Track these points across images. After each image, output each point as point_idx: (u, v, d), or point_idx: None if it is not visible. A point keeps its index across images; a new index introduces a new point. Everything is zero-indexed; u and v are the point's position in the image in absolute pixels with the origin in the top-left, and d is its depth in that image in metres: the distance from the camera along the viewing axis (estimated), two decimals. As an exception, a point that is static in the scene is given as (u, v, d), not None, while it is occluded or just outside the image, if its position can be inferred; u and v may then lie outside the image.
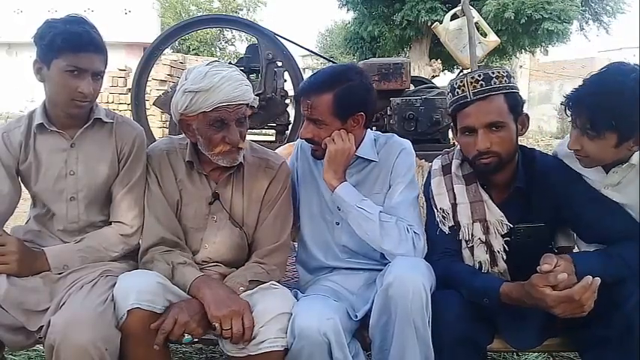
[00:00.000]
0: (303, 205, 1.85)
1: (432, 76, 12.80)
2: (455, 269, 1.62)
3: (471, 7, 4.57)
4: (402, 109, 4.31)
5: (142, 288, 1.44)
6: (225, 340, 1.46)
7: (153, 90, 9.94)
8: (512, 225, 1.62)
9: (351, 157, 1.72)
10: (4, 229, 1.64)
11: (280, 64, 5.15)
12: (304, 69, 14.20)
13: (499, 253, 1.61)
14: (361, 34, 16.02)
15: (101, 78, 1.62)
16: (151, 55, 5.28)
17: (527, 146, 1.72)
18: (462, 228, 1.64)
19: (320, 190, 1.81)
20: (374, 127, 4.05)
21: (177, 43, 18.88)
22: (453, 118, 1.65)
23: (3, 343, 1.51)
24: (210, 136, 1.60)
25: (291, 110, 5.33)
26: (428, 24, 12.19)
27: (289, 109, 5.33)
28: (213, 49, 27.88)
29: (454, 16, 4.73)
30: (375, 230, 1.64)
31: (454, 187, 1.68)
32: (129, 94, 6.75)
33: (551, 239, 1.74)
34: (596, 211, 1.57)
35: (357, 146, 1.75)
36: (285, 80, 5.22)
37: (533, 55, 19.65)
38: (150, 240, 1.65)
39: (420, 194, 1.81)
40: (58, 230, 1.67)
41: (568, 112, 1.54)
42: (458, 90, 1.59)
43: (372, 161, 1.78)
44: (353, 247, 1.78)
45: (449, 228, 1.66)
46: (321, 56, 13.05)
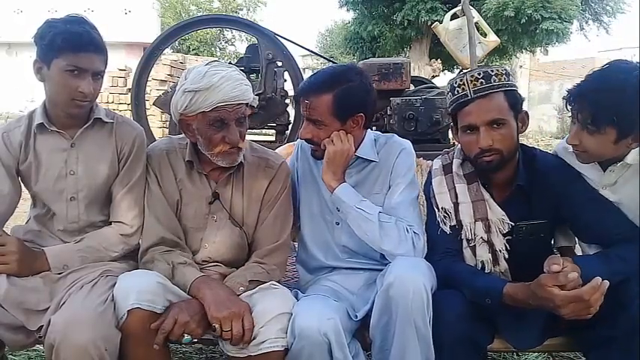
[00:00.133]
0: (303, 205, 1.85)
1: (432, 76, 12.80)
2: (456, 269, 1.62)
3: (471, 7, 4.55)
4: (402, 109, 4.31)
5: (142, 288, 1.44)
6: (225, 341, 1.46)
7: (153, 90, 9.94)
8: (513, 224, 1.62)
9: (350, 158, 1.72)
10: (4, 229, 1.64)
11: (280, 64, 5.15)
12: (304, 69, 14.22)
13: (501, 252, 1.61)
14: (361, 34, 16.00)
15: (101, 78, 1.62)
16: (151, 55, 5.28)
17: (527, 145, 1.73)
18: (464, 227, 1.64)
19: (320, 191, 1.81)
20: (374, 127, 4.05)
21: (177, 43, 18.88)
22: (453, 117, 1.65)
23: (3, 342, 1.51)
24: (210, 136, 1.60)
25: (291, 110, 5.32)
26: (428, 24, 12.17)
27: (289, 109, 5.33)
28: (213, 49, 27.87)
29: (454, 16, 4.72)
30: (375, 231, 1.64)
31: (456, 186, 1.68)
32: (129, 94, 6.75)
33: (552, 238, 1.74)
34: (596, 212, 1.57)
35: (357, 147, 1.75)
36: (285, 80, 5.22)
37: (533, 55, 19.66)
38: (150, 240, 1.65)
39: (420, 193, 1.81)
40: (58, 230, 1.67)
41: (569, 107, 1.55)
42: (458, 89, 1.59)
43: (372, 161, 1.77)
44: (353, 247, 1.77)
45: (450, 227, 1.66)
46: (321, 56, 13.05)
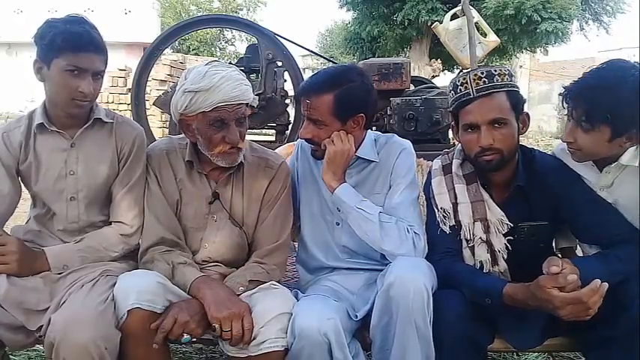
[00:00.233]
0: (303, 205, 1.85)
1: (432, 76, 12.79)
2: (456, 269, 1.62)
3: (471, 7, 4.56)
4: (402, 109, 4.31)
5: (142, 288, 1.44)
6: (225, 341, 1.46)
7: (153, 90, 9.94)
8: (512, 224, 1.62)
9: (351, 159, 1.72)
10: (4, 229, 1.64)
11: (280, 64, 5.15)
12: (304, 69, 14.24)
13: (500, 252, 1.61)
14: (361, 34, 16.00)
15: (101, 78, 1.62)
16: (151, 55, 5.29)
17: (526, 146, 1.73)
18: (462, 227, 1.64)
19: (320, 191, 1.81)
20: (374, 127, 4.05)
21: (177, 43, 18.88)
22: (454, 116, 1.65)
23: (3, 342, 1.51)
24: (210, 136, 1.60)
25: (291, 110, 5.33)
26: (428, 24, 12.17)
27: (289, 109, 5.33)
28: (213, 49, 27.89)
29: (454, 16, 4.72)
30: (375, 231, 1.64)
31: (455, 186, 1.68)
32: (129, 94, 6.75)
33: (553, 239, 1.74)
34: (595, 213, 1.58)
35: (357, 147, 1.75)
36: (285, 80, 5.22)
37: (533, 55, 19.65)
38: (150, 240, 1.65)
39: (421, 193, 1.81)
40: (58, 230, 1.67)
41: (565, 105, 1.56)
42: (460, 87, 1.59)
43: (372, 162, 1.77)
44: (353, 248, 1.77)
45: (449, 227, 1.66)
46: (321, 56, 13.07)
